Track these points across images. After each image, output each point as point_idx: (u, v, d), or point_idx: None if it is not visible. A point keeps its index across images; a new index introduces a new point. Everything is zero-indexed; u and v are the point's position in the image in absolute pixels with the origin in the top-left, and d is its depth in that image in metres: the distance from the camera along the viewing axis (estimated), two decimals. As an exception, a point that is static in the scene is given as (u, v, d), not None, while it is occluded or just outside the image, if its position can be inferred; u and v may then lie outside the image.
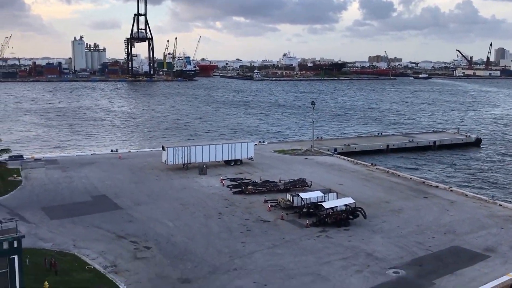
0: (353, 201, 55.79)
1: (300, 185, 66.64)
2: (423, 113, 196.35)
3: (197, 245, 46.93)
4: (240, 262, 43.28)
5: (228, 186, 67.28)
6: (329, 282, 39.99)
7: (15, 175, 69.28)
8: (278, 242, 48.13)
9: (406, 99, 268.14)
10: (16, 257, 33.26)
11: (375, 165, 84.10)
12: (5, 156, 59.33)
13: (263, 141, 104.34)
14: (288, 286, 39.09)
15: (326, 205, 54.40)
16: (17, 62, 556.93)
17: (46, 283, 36.75)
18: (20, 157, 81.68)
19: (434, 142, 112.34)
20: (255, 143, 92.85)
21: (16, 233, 33.62)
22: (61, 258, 42.22)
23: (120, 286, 38.30)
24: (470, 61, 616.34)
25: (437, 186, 70.74)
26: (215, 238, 48.76)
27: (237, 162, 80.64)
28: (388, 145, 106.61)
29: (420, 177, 77.98)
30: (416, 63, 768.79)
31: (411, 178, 75.38)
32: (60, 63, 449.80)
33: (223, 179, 70.48)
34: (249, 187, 65.00)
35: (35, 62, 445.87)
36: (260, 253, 45.35)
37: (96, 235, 48.91)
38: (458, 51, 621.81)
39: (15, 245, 33.21)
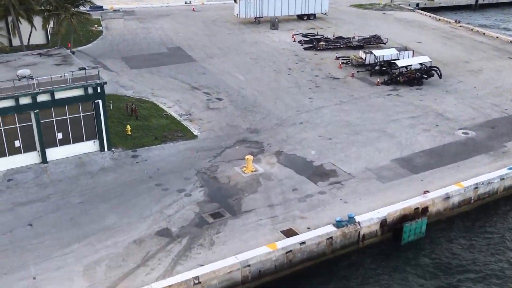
0: (429, 60, 53.54)
1: (375, 42, 64.15)
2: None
3: (266, 98, 48.42)
4: (307, 117, 44.56)
5: (299, 42, 66.22)
6: (395, 139, 40.56)
7: (96, 25, 72.18)
8: (346, 99, 48.41)
9: None
10: (100, 101, 36.55)
11: (459, 22, 78.06)
12: (86, 7, 61.24)
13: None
14: (352, 140, 40.25)
15: (400, 63, 52.76)
16: None
17: (128, 126, 40.52)
18: (100, 7, 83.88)
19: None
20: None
21: (99, 80, 36.45)
22: (141, 105, 45.64)
23: (194, 132, 41.41)
24: None
25: (526, 47, 65.44)
26: (284, 93, 49.83)
27: (310, 17, 77.91)
28: (477, 0, 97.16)
29: (509, 36, 71.97)
30: None
31: (497, 37, 69.78)
32: None
33: (295, 34, 69.14)
34: (321, 43, 63.59)
35: None
36: (327, 109, 46.16)
37: (172, 85, 51.62)
38: None
39: (99, 90, 36.25)
